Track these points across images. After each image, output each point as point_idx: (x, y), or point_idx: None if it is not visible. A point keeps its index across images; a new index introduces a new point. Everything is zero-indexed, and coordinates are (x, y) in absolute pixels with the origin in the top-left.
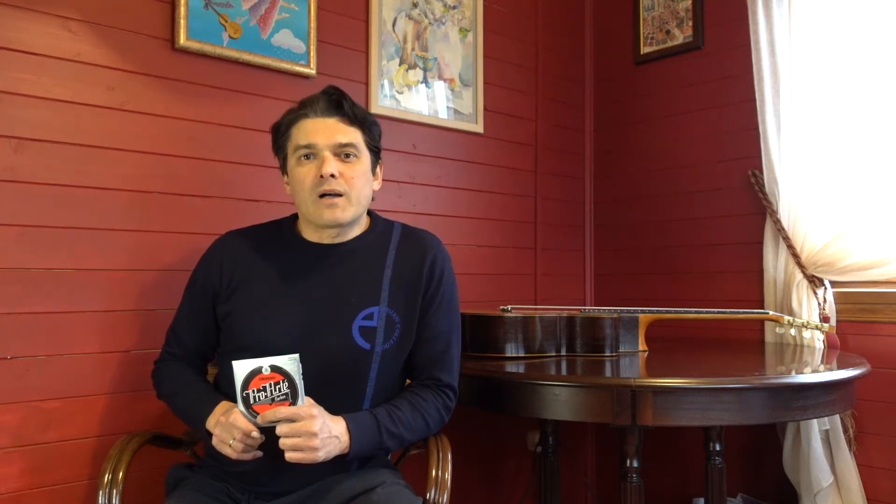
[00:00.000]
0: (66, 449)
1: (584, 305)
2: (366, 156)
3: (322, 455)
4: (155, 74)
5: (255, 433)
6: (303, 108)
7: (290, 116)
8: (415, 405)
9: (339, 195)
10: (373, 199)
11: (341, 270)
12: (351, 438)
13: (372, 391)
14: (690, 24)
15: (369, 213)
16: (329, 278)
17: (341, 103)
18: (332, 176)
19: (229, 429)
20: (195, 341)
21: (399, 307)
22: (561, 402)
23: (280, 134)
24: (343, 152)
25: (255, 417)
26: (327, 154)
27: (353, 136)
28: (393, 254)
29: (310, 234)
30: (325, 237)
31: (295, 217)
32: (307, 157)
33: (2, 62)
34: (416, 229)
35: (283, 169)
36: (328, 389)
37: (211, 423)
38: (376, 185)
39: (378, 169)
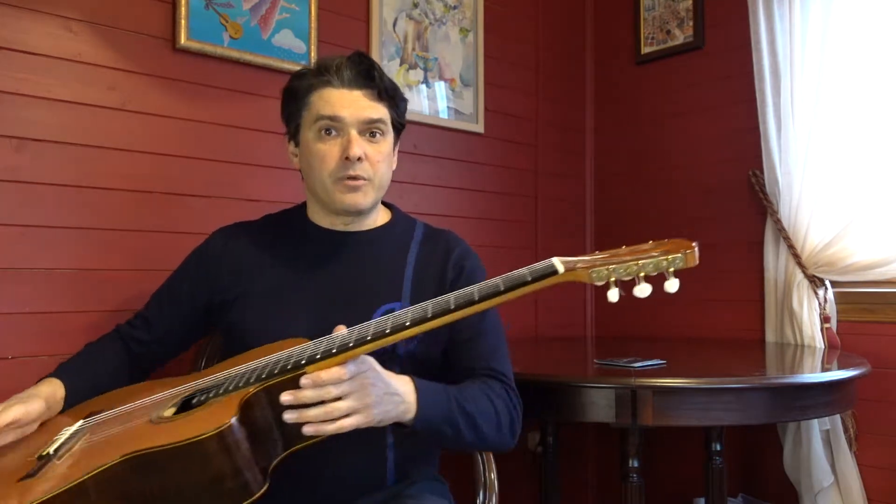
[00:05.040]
0: None
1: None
2: (390, 134)
3: (378, 413)
4: (155, 74)
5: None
6: (325, 74)
7: (310, 81)
8: (481, 388)
9: (364, 179)
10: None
11: (358, 261)
12: (418, 397)
13: None
14: (691, 24)
15: (391, 206)
16: (345, 269)
17: (371, 73)
18: (359, 159)
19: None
20: (166, 332)
21: None
22: (561, 402)
23: (297, 99)
24: (369, 130)
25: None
26: (353, 133)
27: (382, 111)
28: (415, 252)
29: (321, 220)
30: (339, 223)
31: (304, 204)
32: (329, 131)
33: (3, 62)
34: (439, 229)
35: (294, 138)
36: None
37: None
38: (393, 163)
39: (396, 146)
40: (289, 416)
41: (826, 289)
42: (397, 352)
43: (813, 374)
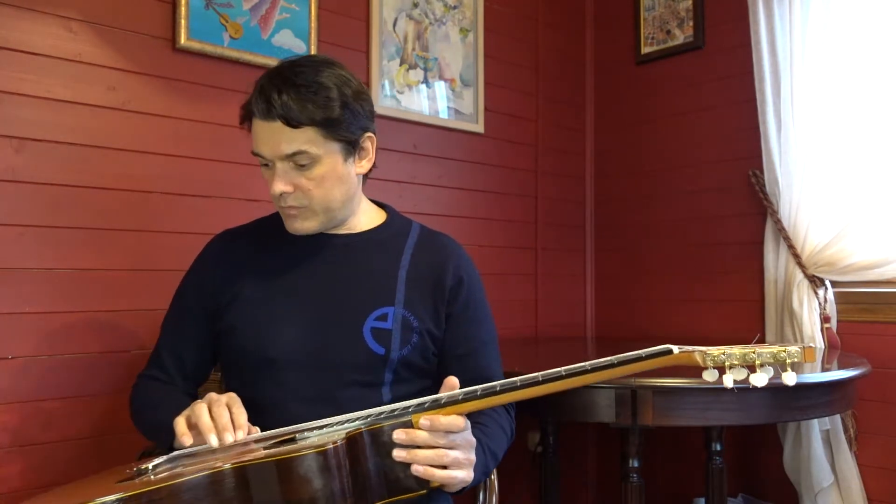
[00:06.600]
0: (66, 449)
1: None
2: (330, 153)
3: (473, 477)
4: (156, 74)
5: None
6: (251, 102)
7: (247, 107)
8: (495, 419)
9: (297, 208)
10: (366, 180)
11: (349, 264)
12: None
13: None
14: (691, 23)
15: (386, 208)
16: (336, 272)
17: (271, 109)
18: (284, 193)
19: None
20: (185, 361)
21: (417, 312)
22: (561, 402)
23: (245, 123)
24: (293, 161)
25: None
26: (279, 166)
27: (302, 139)
28: (409, 255)
29: None
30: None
31: None
32: (264, 164)
33: (2, 62)
34: (436, 233)
35: None
36: (334, 403)
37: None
38: (363, 166)
39: (362, 149)
40: (398, 453)
41: (826, 289)
42: (391, 357)
43: (813, 374)
